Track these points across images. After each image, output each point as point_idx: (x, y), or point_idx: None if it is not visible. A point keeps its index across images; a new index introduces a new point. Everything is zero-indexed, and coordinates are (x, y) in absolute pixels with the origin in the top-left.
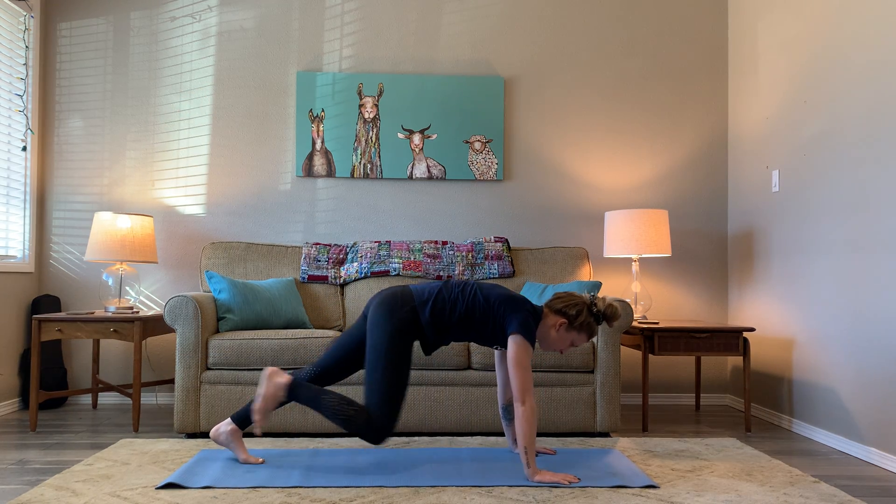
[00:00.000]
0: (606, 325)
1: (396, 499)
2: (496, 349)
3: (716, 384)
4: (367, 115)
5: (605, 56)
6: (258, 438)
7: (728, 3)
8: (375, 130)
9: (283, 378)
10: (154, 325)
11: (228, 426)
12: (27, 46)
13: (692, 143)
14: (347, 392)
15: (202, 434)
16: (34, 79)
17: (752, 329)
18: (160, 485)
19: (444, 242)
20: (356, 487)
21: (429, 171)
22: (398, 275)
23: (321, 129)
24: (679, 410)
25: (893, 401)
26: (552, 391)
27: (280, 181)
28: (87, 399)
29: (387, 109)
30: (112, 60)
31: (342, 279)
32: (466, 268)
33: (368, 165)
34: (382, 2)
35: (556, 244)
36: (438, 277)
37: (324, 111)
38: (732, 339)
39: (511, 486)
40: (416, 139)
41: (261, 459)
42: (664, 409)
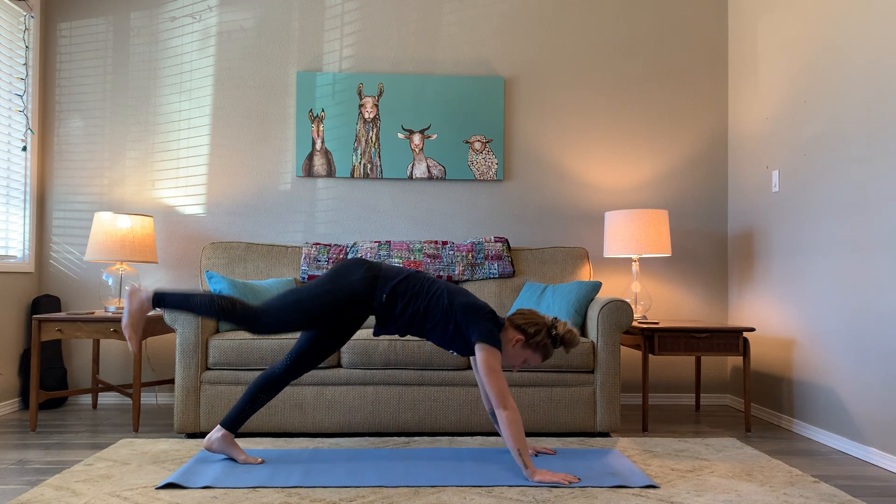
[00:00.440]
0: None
1: (396, 499)
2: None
3: (716, 384)
4: (368, 115)
5: (605, 56)
6: (258, 438)
7: (728, 3)
8: (375, 130)
9: (145, 291)
10: (154, 325)
11: (219, 432)
12: (27, 46)
13: (692, 143)
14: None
15: (202, 434)
16: (34, 79)
17: (752, 329)
18: (160, 485)
19: (444, 242)
20: (356, 487)
21: (429, 171)
22: None
23: (321, 129)
24: (679, 410)
25: (893, 401)
26: (552, 391)
27: (280, 181)
28: (87, 399)
29: (387, 109)
30: (112, 60)
31: None
32: (466, 268)
33: (368, 165)
34: (382, 2)
35: (556, 244)
36: (438, 277)
37: (324, 111)
38: (732, 339)
39: (511, 486)
40: (416, 139)
41: (260, 460)
42: (664, 409)
